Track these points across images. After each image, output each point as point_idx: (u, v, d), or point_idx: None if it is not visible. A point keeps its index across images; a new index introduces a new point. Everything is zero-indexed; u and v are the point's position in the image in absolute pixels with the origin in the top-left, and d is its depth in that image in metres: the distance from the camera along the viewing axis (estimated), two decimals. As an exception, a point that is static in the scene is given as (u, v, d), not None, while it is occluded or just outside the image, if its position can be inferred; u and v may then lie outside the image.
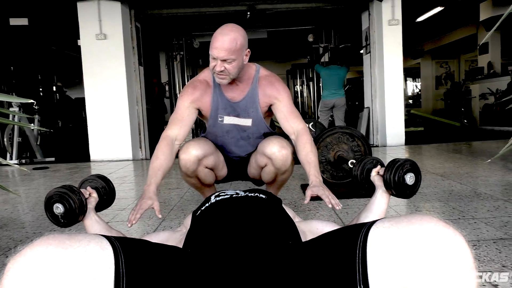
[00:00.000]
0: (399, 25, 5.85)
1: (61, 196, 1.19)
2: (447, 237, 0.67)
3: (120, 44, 5.63)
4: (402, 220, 0.72)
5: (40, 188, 3.50)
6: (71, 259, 0.66)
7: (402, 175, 1.23)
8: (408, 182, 1.24)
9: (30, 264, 0.64)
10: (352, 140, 2.74)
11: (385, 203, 1.31)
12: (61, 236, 0.70)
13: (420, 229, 0.69)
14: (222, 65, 1.64)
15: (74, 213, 1.19)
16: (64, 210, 1.18)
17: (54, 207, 1.19)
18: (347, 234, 0.80)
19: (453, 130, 8.55)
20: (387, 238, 0.70)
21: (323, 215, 2.13)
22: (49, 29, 7.61)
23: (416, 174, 1.27)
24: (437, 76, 13.86)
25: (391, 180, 1.25)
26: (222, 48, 1.60)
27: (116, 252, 0.73)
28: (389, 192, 1.29)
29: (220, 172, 1.99)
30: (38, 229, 2.12)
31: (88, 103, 5.65)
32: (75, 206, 1.19)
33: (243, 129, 1.90)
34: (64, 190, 1.20)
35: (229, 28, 1.64)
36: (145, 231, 2.00)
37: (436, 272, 0.64)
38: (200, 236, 1.02)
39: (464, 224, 1.85)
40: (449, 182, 2.81)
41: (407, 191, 1.26)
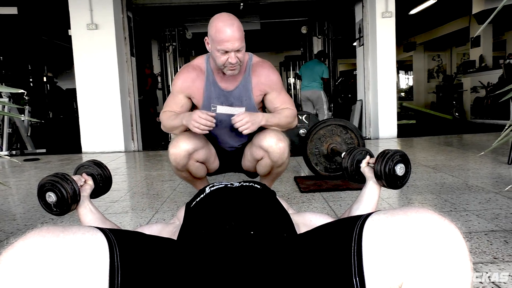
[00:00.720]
0: (392, 18, 5.84)
1: (53, 185, 1.17)
2: (442, 228, 0.67)
3: (111, 34, 5.55)
4: (398, 212, 0.73)
5: (31, 179, 3.47)
6: (65, 250, 0.65)
7: (393, 166, 1.24)
8: (398, 173, 1.25)
9: (23, 255, 0.63)
10: (345, 133, 2.75)
11: (376, 194, 1.32)
12: (54, 228, 0.69)
13: (416, 220, 0.69)
14: (236, 56, 1.62)
15: (67, 202, 1.17)
16: (57, 199, 1.17)
17: (47, 195, 1.17)
18: (342, 226, 0.81)
19: (444, 123, 8.61)
20: (382, 229, 0.70)
21: (316, 207, 2.13)
22: (39, 19, 7.49)
23: (406, 165, 1.27)
24: (429, 69, 13.93)
25: (382, 172, 1.25)
26: (234, 39, 1.58)
27: (110, 244, 0.72)
28: (380, 183, 1.30)
29: (211, 165, 1.98)
30: (29, 221, 2.10)
31: (79, 94, 5.58)
32: (67, 195, 1.17)
33: None
34: (56, 178, 1.18)
35: (228, 17, 1.62)
36: (138, 223, 1.99)
37: (432, 262, 0.65)
38: (195, 227, 1.02)
39: (456, 216, 1.87)
40: (441, 175, 2.84)
41: (398, 182, 1.27)
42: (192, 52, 10.56)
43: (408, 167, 1.28)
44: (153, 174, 3.48)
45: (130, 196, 2.63)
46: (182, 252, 0.84)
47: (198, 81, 1.84)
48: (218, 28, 1.60)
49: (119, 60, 5.63)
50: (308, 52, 9.64)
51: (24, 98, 5.98)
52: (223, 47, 1.60)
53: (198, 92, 1.85)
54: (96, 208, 1.28)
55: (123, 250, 0.73)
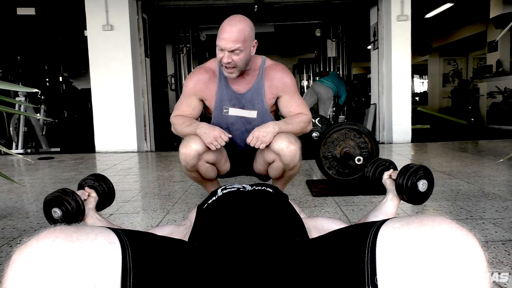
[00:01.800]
0: (408, 21, 5.78)
1: (57, 200, 1.19)
2: (460, 240, 0.65)
3: (126, 36, 5.60)
4: (413, 220, 0.70)
5: (45, 178, 3.51)
6: (78, 253, 0.64)
7: (415, 181, 1.22)
8: (420, 188, 1.23)
9: (36, 257, 0.62)
10: (359, 137, 2.71)
11: (394, 206, 1.30)
12: (68, 228, 0.69)
13: (432, 231, 0.66)
14: (229, 56, 1.64)
15: (72, 215, 1.20)
16: (62, 213, 1.19)
17: (52, 211, 1.20)
18: (356, 232, 0.79)
19: (460, 128, 8.48)
20: (397, 239, 0.68)
21: (328, 212, 2.11)
22: (56, 19, 7.60)
23: (429, 181, 1.25)
24: (445, 74, 13.74)
25: (404, 186, 1.24)
26: (230, 39, 1.60)
27: (123, 246, 0.71)
28: (400, 197, 1.28)
29: (222, 167, 1.97)
30: (42, 219, 2.12)
31: (94, 94, 5.64)
32: (71, 208, 1.19)
33: (248, 121, 1.89)
34: (58, 194, 1.21)
35: (237, 18, 1.63)
36: (149, 223, 1.99)
37: (448, 276, 0.62)
38: (207, 230, 1.01)
39: (472, 224, 1.82)
40: (456, 181, 2.78)
41: (419, 197, 1.25)
42: (206, 54, 10.60)
43: (431, 184, 1.26)
44: (165, 174, 3.49)
45: (142, 196, 2.63)
46: (193, 256, 0.83)
47: (210, 83, 1.84)
48: (222, 26, 1.64)
49: (133, 61, 5.68)
50: (321, 55, 9.60)
51: (40, 97, 6.06)
52: (218, 43, 1.65)
53: (210, 94, 1.85)
54: (102, 217, 1.30)
55: (135, 252, 0.73)
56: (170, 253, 0.81)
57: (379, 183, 1.39)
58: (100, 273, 0.65)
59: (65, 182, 3.20)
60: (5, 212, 2.30)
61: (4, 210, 2.35)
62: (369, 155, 2.71)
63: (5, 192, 2.86)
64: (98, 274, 0.64)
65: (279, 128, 1.77)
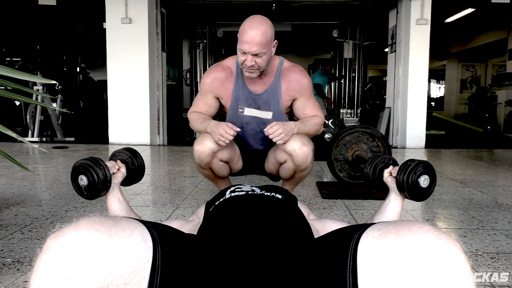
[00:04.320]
0: (427, 25, 5.70)
1: (86, 168, 1.17)
2: (439, 249, 0.61)
3: (144, 29, 5.65)
4: (390, 230, 0.67)
5: (59, 167, 3.56)
6: (115, 249, 0.64)
7: (416, 178, 1.18)
8: (422, 185, 1.19)
9: (74, 246, 0.62)
10: (372, 140, 2.69)
11: (398, 205, 1.27)
12: (106, 221, 0.69)
13: (408, 242, 0.63)
14: (253, 59, 1.63)
15: (97, 188, 1.17)
16: (88, 183, 1.17)
17: (79, 178, 1.18)
18: (341, 239, 0.78)
19: (475, 136, 8.35)
20: (375, 251, 0.66)
21: (337, 215, 2.10)
22: (76, 11, 7.68)
23: (430, 176, 1.21)
24: (462, 80, 13.53)
25: (405, 183, 1.20)
26: (253, 43, 1.59)
27: (155, 244, 0.72)
28: (403, 195, 1.25)
29: (235, 165, 1.97)
30: (54, 208, 2.15)
31: (110, 86, 5.70)
32: (98, 180, 1.17)
33: (263, 122, 1.89)
34: (90, 162, 1.18)
35: (258, 20, 1.62)
36: (158, 217, 2.00)
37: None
38: (212, 234, 1.01)
39: (483, 235, 1.80)
40: (469, 190, 2.74)
41: (421, 194, 1.21)
42: (222, 50, 10.61)
43: (433, 179, 1.22)
44: (176, 169, 3.51)
45: (153, 190, 2.66)
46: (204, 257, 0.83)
47: (227, 82, 1.84)
48: (243, 28, 1.62)
49: (150, 54, 5.72)
50: (338, 56, 9.53)
51: (57, 88, 6.15)
52: (241, 47, 1.63)
53: (226, 93, 1.85)
54: (124, 198, 1.28)
55: (164, 250, 0.73)
56: (191, 252, 0.81)
57: (380, 182, 1.34)
58: (132, 271, 0.65)
59: (78, 172, 3.24)
60: (19, 199, 2.34)
61: (18, 197, 2.39)
62: (381, 160, 2.68)
63: (19, 179, 2.91)
64: (131, 272, 0.65)
65: (297, 129, 1.77)
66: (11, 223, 1.86)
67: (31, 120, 5.63)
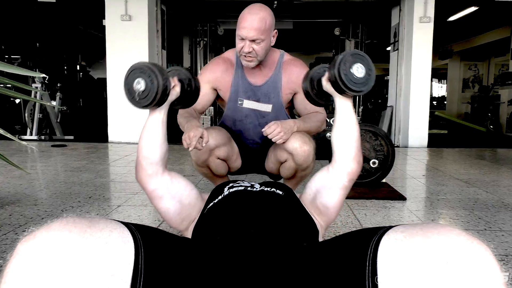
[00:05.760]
0: (430, 23, 5.64)
1: (147, 72, 1.07)
2: (471, 253, 0.57)
3: (144, 26, 5.59)
4: (417, 231, 0.63)
5: (57, 165, 3.51)
6: (90, 251, 0.59)
7: (348, 68, 1.08)
8: (357, 74, 1.09)
9: (44, 250, 0.57)
10: (375, 139, 2.64)
11: (349, 108, 1.18)
12: (81, 221, 0.63)
13: (438, 244, 0.59)
14: (250, 45, 1.60)
15: (154, 96, 1.07)
16: (145, 88, 1.07)
17: (136, 81, 1.08)
18: (358, 241, 0.73)
19: (478, 135, 8.29)
20: (400, 253, 0.61)
21: (340, 215, 2.04)
22: (75, 8, 7.63)
23: (363, 64, 1.10)
24: (465, 79, 13.45)
25: (337, 78, 1.08)
26: (251, 28, 1.55)
27: (137, 246, 0.67)
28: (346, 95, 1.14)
29: (233, 163, 1.91)
30: (50, 207, 2.10)
31: (110, 84, 5.65)
32: (157, 89, 1.06)
33: (262, 115, 1.84)
34: (155, 68, 1.07)
35: (257, 7, 1.59)
36: (156, 217, 1.95)
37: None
38: (210, 232, 0.96)
39: (491, 236, 1.74)
40: (474, 190, 2.69)
41: (359, 84, 1.10)
42: (223, 48, 10.55)
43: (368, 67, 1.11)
44: (176, 168, 3.46)
45: (151, 189, 2.60)
46: (199, 259, 0.78)
47: (226, 74, 1.80)
48: (242, 14, 1.60)
49: (150, 52, 5.66)
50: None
51: (56, 85, 6.10)
52: (239, 33, 1.60)
53: (226, 84, 1.81)
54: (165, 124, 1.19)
55: (148, 252, 0.68)
56: (181, 255, 0.76)
57: (321, 93, 1.24)
58: (111, 275, 0.60)
59: (76, 171, 3.19)
60: (14, 198, 2.29)
61: (14, 196, 2.34)
62: (385, 158, 2.63)
63: (16, 178, 2.86)
64: (109, 276, 0.59)
65: (297, 127, 1.71)
66: (5, 223, 1.81)
67: (30, 118, 5.58)
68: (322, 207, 1.19)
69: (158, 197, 1.17)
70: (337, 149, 1.19)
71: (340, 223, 1.90)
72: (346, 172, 1.17)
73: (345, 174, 1.17)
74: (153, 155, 1.16)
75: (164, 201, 1.17)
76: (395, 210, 2.17)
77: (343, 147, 1.18)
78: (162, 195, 1.17)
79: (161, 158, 1.18)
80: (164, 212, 1.19)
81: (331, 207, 1.18)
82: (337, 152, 1.19)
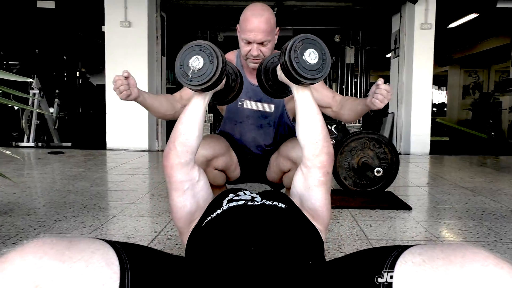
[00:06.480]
0: (431, 30, 5.60)
1: (209, 51, 0.99)
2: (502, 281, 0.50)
3: (144, 33, 5.55)
4: (437, 253, 0.56)
5: (53, 173, 3.43)
6: (69, 277, 0.52)
7: (299, 55, 1.01)
8: (310, 61, 1.01)
9: (17, 277, 0.50)
10: (378, 147, 2.57)
11: (307, 98, 1.11)
12: (59, 242, 0.57)
13: (463, 272, 0.51)
14: (258, 48, 1.54)
15: (209, 78, 0.99)
16: (202, 67, 0.99)
17: (193, 58, 1.01)
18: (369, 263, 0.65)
19: (480, 142, 8.23)
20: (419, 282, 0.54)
21: (344, 226, 1.97)
22: (75, 14, 7.60)
23: (316, 49, 1.03)
24: (465, 86, 13.42)
25: (289, 66, 1.00)
26: (259, 30, 1.50)
27: (123, 268, 0.60)
28: (303, 84, 1.06)
29: (232, 173, 1.83)
30: (43, 217, 2.02)
31: (109, 90, 5.58)
32: (215, 72, 0.99)
33: (264, 115, 1.77)
34: (217, 49, 1.00)
35: (260, 7, 1.53)
36: (152, 228, 1.87)
37: None
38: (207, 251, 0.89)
39: (502, 248, 1.67)
40: (481, 199, 2.61)
41: (315, 72, 1.02)
42: (222, 55, 10.54)
43: (321, 51, 1.03)
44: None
45: (149, 198, 2.53)
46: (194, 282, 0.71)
47: None
48: (245, 17, 1.53)
49: (149, 58, 5.61)
50: (340, 62, 9.43)
51: (54, 91, 6.04)
52: (246, 37, 1.53)
53: None
54: (204, 114, 1.13)
55: (135, 275, 0.61)
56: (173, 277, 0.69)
57: (278, 85, 1.16)
58: None
59: (72, 179, 3.12)
60: (7, 207, 2.21)
61: (6, 205, 2.26)
62: (389, 167, 2.56)
63: (10, 186, 2.78)
64: None
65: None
66: (-5, 234, 1.74)
67: (27, 124, 5.51)
68: (311, 211, 1.13)
69: (182, 190, 1.11)
70: (304, 145, 1.13)
71: (344, 235, 1.83)
72: (318, 167, 1.10)
73: (318, 169, 1.10)
74: (192, 143, 1.12)
75: (185, 196, 1.11)
76: (401, 220, 2.09)
77: (309, 142, 1.11)
78: (186, 189, 1.11)
79: (196, 148, 1.14)
80: (179, 207, 1.12)
81: (318, 208, 1.12)
82: (305, 148, 1.13)
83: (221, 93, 1.20)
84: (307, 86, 1.11)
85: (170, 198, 1.15)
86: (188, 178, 1.11)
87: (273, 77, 1.17)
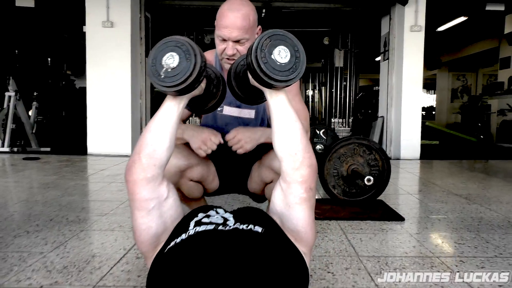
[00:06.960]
0: (421, 32, 5.51)
1: (186, 48, 0.86)
2: None
3: (127, 34, 5.35)
4: None
5: (23, 181, 3.22)
6: None
7: (267, 54, 0.87)
8: (280, 60, 0.87)
9: None
10: (369, 153, 2.43)
11: (282, 103, 0.97)
12: None
13: None
14: (234, 47, 1.37)
15: (184, 79, 0.86)
16: (177, 66, 0.86)
17: (168, 55, 0.87)
18: None
19: (469, 145, 8.17)
20: None
21: (332, 240, 1.81)
22: (56, 14, 7.37)
23: (287, 46, 0.89)
24: (453, 89, 13.46)
25: (257, 68, 0.87)
26: (234, 27, 1.33)
27: None
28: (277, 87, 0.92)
29: (209, 185, 1.66)
30: (1, 232, 1.83)
31: (90, 93, 5.37)
32: (191, 72, 0.86)
33: (245, 122, 1.61)
34: (195, 46, 0.87)
35: (238, 2, 1.37)
36: (122, 245, 1.69)
37: None
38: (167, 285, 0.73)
39: (503, 265, 1.53)
40: (476, 207, 2.48)
41: (287, 72, 0.89)
42: (210, 57, 10.38)
43: (293, 47, 0.89)
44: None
45: (122, 209, 2.34)
46: None
47: None
48: (222, 11, 1.37)
49: (132, 60, 5.42)
50: (328, 65, 9.34)
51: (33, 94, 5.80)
52: (220, 33, 1.37)
53: None
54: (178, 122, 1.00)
55: None
56: None
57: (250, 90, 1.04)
58: None
59: (43, 187, 2.91)
60: (-37, 221, 2.01)
61: (-37, 218, 2.06)
62: (380, 174, 2.42)
63: (-26, 195, 2.58)
64: None
65: (266, 137, 1.45)
66: None
67: (1, 128, 5.24)
68: (292, 232, 0.97)
69: (146, 210, 0.95)
70: (281, 158, 0.98)
71: (332, 251, 1.67)
72: (299, 182, 0.95)
73: (299, 184, 0.95)
74: (160, 155, 0.96)
75: (150, 217, 0.96)
76: (393, 233, 1.94)
77: (287, 153, 0.97)
78: (152, 208, 0.96)
79: (166, 161, 0.98)
80: (143, 230, 0.96)
81: (301, 229, 0.96)
82: (283, 161, 0.98)
83: (200, 100, 1.06)
84: (281, 89, 0.96)
85: (132, 219, 0.99)
86: (154, 195, 0.96)
87: (245, 81, 1.03)
